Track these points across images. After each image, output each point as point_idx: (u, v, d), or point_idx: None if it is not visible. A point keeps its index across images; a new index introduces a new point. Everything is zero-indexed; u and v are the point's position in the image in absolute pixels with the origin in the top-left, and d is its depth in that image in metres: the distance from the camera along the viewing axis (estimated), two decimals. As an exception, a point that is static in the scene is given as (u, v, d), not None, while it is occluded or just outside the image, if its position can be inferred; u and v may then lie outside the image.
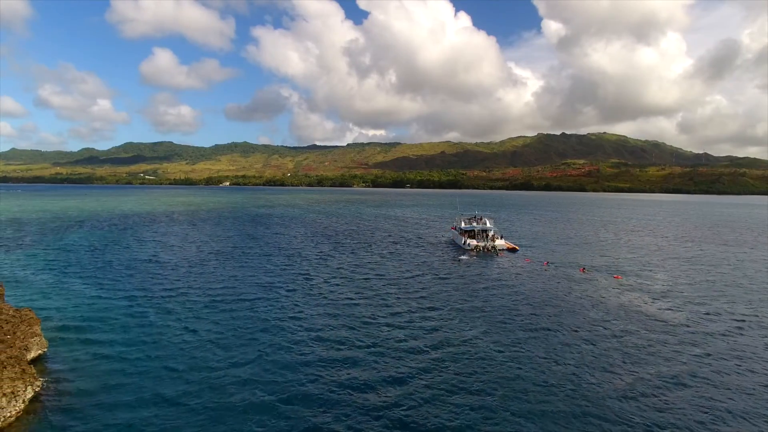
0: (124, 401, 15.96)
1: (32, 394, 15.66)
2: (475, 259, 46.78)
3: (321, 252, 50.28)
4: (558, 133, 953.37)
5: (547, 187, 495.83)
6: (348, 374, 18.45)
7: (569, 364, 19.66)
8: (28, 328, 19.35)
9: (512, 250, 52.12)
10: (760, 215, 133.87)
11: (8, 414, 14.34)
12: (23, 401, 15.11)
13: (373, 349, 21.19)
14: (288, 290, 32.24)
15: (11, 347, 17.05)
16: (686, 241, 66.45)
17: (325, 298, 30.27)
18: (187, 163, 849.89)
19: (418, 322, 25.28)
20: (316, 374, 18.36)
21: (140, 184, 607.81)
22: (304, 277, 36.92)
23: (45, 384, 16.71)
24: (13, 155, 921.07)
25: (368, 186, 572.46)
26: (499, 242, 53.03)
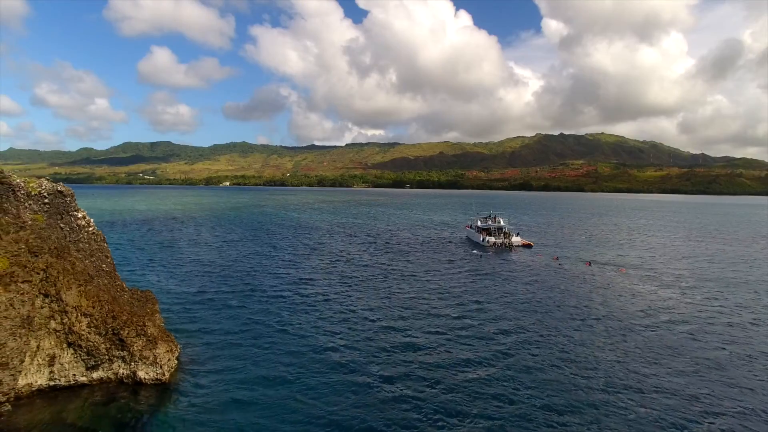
0: (236, 365, 20.01)
1: (178, 353, 19.78)
2: (492, 255, 51.01)
3: (356, 251, 54.16)
4: (557, 133, 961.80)
5: (546, 188, 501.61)
6: (433, 370, 19.52)
7: (590, 352, 23.98)
8: (152, 306, 23.34)
9: (527, 246, 56.43)
10: (747, 215, 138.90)
11: (171, 366, 18.48)
12: (176, 358, 19.24)
13: (459, 344, 23.54)
14: (344, 286, 35.23)
15: (152, 320, 21.07)
16: (684, 239, 70.98)
17: (376, 292, 33.52)
18: (185, 163, 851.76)
19: (473, 312, 28.22)
20: (404, 370, 19.84)
21: (140, 184, 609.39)
22: (352, 275, 39.66)
23: (181, 348, 20.80)
24: (11, 155, 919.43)
25: (368, 186, 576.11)
26: (516, 239, 57.38)
